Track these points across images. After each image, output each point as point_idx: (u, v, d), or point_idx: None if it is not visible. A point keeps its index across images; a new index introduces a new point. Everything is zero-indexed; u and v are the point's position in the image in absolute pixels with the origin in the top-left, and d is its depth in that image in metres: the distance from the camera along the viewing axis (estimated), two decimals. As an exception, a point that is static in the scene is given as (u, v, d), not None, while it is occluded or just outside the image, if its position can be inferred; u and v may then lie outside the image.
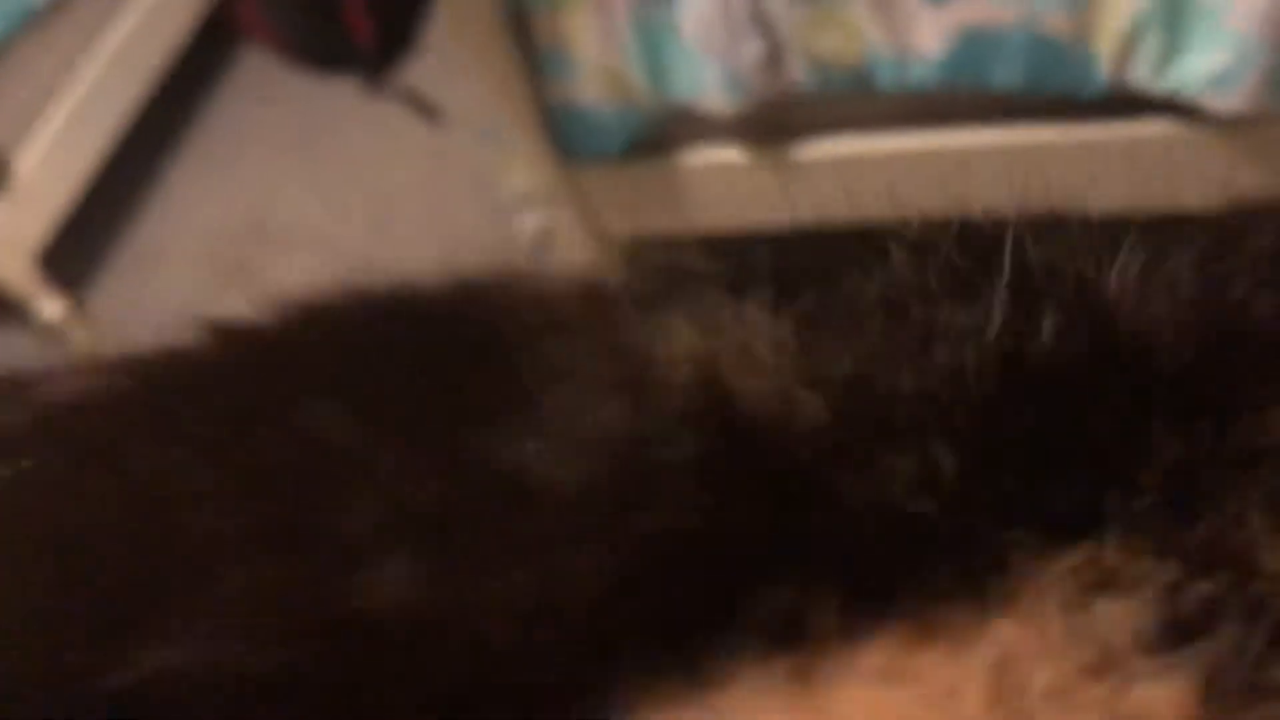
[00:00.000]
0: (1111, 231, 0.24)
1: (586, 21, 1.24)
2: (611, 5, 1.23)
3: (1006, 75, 1.18)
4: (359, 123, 1.96)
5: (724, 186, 1.39)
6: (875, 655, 0.20)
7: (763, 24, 1.18)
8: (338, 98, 2.00)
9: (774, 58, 1.21)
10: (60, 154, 1.73)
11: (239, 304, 0.28)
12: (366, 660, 0.20)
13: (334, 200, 1.89)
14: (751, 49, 1.19)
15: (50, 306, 1.69)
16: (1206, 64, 1.13)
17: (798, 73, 1.23)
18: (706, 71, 1.23)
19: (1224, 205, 0.28)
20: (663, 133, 1.35)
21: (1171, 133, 1.22)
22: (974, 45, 1.16)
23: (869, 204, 0.33)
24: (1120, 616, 0.20)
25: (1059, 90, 1.19)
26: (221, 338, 0.27)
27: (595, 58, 1.26)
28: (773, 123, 1.32)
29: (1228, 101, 1.13)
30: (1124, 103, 1.21)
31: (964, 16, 1.15)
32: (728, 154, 1.35)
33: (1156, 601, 0.20)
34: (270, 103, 2.05)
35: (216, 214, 1.92)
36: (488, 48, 1.26)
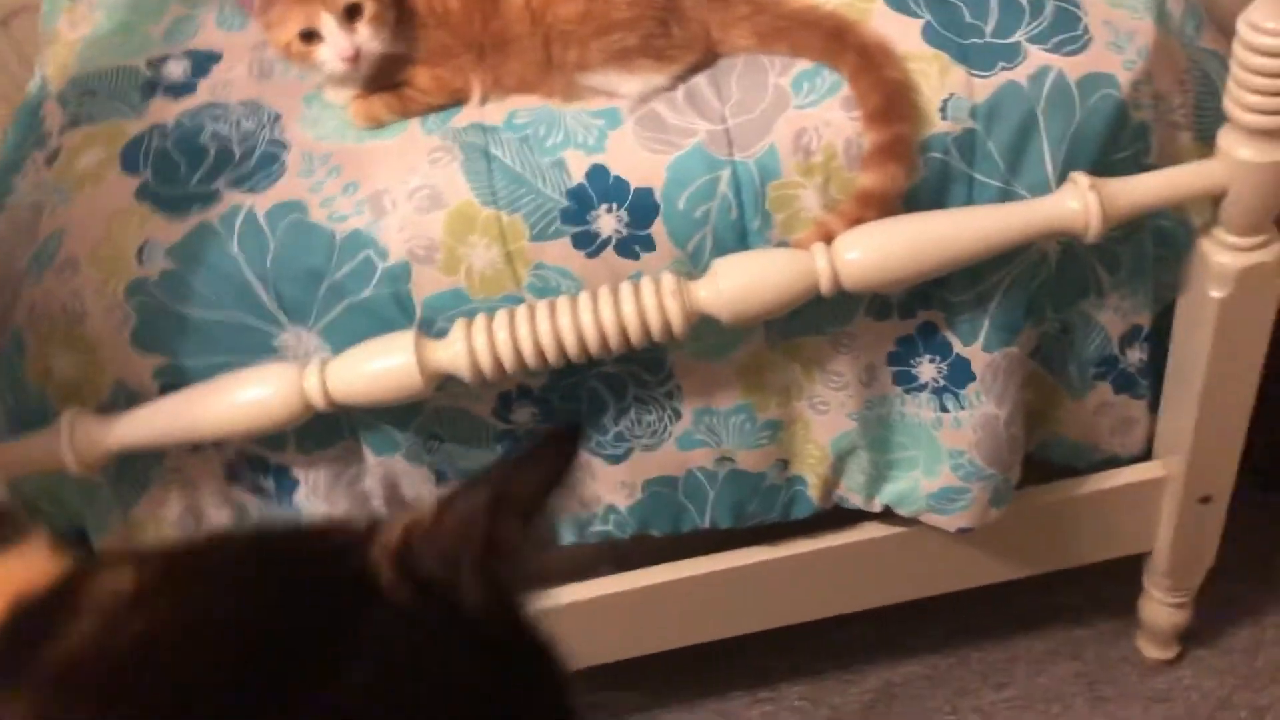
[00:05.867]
0: None
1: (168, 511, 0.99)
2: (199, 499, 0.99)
3: (708, 515, 1.02)
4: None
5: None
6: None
7: (403, 506, 0.97)
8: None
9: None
10: None
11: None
12: None
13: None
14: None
15: None
16: (926, 484, 1.01)
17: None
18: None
19: None
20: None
21: (888, 533, 1.08)
22: (662, 494, 1.00)
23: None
24: None
25: (768, 520, 1.04)
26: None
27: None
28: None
29: (952, 520, 1.02)
30: (839, 514, 1.07)
31: (645, 471, 0.99)
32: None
33: None
34: None
35: None
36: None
